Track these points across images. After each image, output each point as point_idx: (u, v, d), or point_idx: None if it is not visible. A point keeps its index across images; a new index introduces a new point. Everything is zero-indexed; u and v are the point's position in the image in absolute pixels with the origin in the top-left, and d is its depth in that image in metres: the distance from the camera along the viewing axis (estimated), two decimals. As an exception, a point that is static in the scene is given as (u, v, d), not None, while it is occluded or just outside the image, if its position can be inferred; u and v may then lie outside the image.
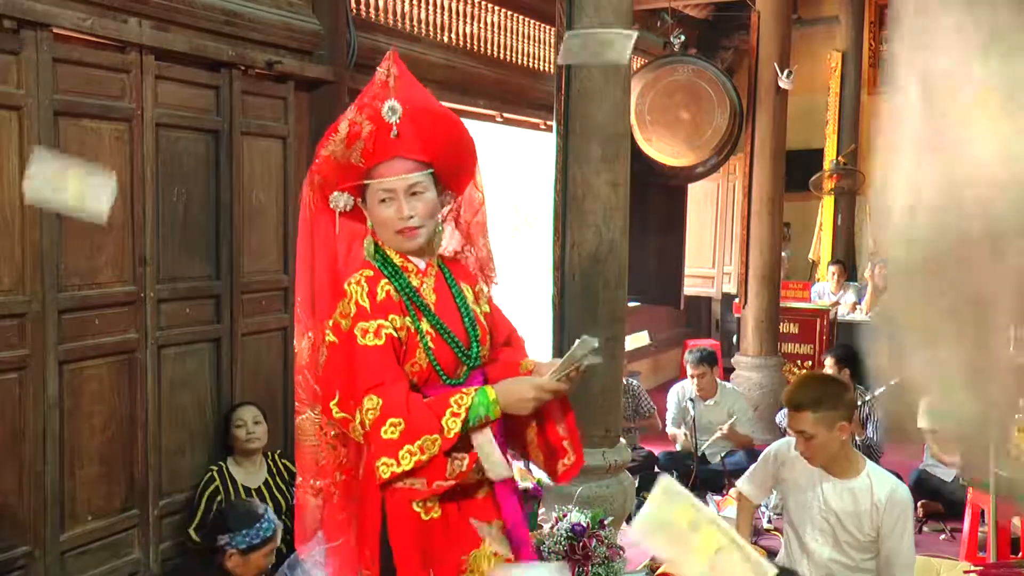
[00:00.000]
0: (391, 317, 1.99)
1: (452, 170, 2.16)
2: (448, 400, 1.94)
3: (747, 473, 3.24)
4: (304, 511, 2.23)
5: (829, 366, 5.24)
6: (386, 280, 2.04)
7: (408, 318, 2.02)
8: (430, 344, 2.03)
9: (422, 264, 2.11)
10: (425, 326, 2.04)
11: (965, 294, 1.86)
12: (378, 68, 2.09)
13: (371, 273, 2.04)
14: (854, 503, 2.71)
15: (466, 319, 2.13)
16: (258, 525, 3.05)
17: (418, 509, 2.01)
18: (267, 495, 3.63)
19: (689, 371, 5.27)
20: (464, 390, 1.97)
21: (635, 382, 5.56)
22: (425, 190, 2.05)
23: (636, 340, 2.65)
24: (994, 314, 1.86)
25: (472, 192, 2.29)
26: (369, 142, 2.01)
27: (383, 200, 2.03)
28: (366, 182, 2.05)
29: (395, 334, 1.98)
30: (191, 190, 3.60)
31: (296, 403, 2.20)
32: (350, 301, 2.00)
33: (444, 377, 2.06)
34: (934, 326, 1.94)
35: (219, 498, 3.56)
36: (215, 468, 3.62)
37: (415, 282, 2.08)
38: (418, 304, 2.05)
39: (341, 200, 2.11)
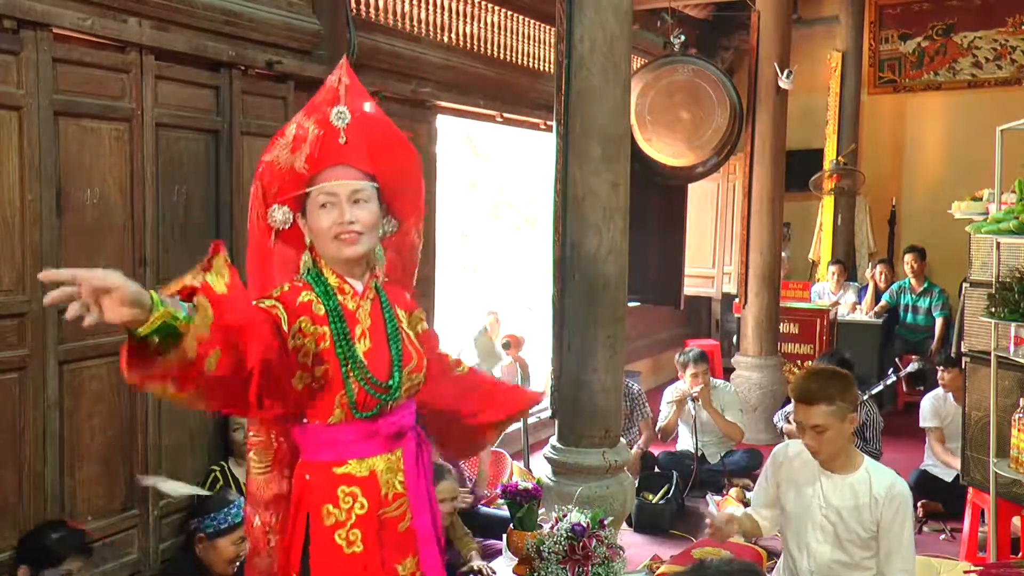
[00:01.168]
0: (301, 318, 1.87)
1: (396, 187, 2.08)
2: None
3: (753, 498, 3.13)
4: (260, 555, 2.08)
5: None
6: (312, 293, 1.94)
7: (328, 333, 1.91)
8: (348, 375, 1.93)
9: (359, 286, 2.01)
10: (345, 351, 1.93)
11: None
12: (329, 76, 2.03)
13: (299, 284, 1.95)
14: (854, 498, 2.71)
15: (393, 348, 2.02)
16: (226, 510, 3.04)
17: (340, 542, 1.94)
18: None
19: (690, 370, 5.26)
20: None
21: (636, 386, 5.53)
22: (368, 200, 1.97)
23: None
24: None
25: (413, 232, 2.20)
26: (315, 147, 1.93)
27: (324, 205, 1.94)
28: (308, 189, 1.95)
29: (283, 322, 1.82)
30: (191, 190, 3.59)
31: (248, 428, 2.08)
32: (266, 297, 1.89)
33: (355, 411, 1.95)
34: None
35: None
36: (217, 468, 3.61)
37: (351, 305, 1.98)
38: (341, 330, 1.94)
39: (279, 214, 1.99)
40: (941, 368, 4.93)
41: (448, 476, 3.60)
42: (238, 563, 3.15)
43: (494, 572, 3.72)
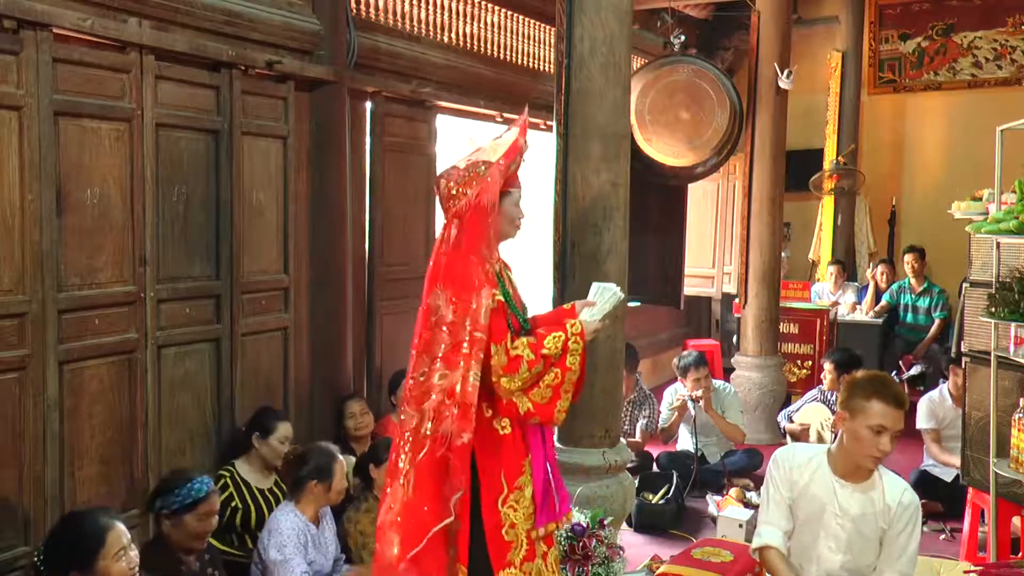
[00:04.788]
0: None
1: None
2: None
3: (761, 522, 2.84)
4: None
5: (828, 371, 5.23)
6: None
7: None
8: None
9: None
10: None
11: None
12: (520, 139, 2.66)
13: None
14: (870, 505, 2.69)
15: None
16: (188, 486, 2.96)
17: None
18: (280, 495, 3.61)
19: (692, 376, 5.24)
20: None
21: (646, 388, 5.52)
22: None
23: None
24: None
25: None
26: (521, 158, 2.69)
27: (517, 203, 2.76)
28: (511, 189, 2.69)
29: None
30: (191, 190, 3.60)
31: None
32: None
33: None
34: None
35: (233, 503, 3.53)
36: (227, 473, 3.60)
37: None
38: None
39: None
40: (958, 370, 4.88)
41: None
42: (206, 539, 3.06)
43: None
